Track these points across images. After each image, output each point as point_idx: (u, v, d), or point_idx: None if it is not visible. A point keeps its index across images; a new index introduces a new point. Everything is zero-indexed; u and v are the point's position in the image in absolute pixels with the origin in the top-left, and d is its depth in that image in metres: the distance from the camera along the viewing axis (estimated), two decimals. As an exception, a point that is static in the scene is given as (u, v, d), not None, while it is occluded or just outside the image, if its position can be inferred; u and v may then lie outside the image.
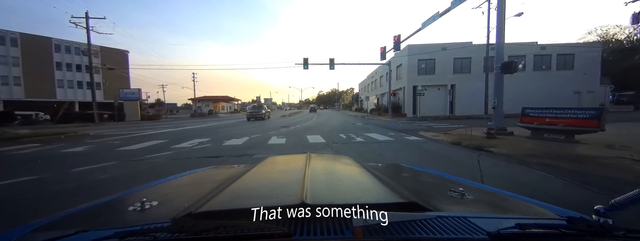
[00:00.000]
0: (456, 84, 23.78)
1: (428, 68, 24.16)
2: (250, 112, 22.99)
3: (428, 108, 22.98)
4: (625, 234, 0.55)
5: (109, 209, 0.91)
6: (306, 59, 21.88)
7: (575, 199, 2.98)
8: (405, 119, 21.44)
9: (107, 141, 8.87)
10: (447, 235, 0.56)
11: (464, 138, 7.71)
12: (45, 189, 3.49)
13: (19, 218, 2.50)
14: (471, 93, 23.00)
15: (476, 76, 23.13)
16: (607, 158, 4.89)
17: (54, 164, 5.18)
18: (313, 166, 1.11)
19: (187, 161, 5.16)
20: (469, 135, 7.95)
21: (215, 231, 0.54)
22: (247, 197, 0.80)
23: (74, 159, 5.58)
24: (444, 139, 7.98)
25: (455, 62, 23.94)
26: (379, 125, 14.58)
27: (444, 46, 23.40)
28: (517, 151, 5.74)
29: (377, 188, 0.86)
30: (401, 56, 24.47)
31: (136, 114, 29.21)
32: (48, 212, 0.87)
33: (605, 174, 3.91)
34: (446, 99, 24.16)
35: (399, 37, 16.78)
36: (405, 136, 9.05)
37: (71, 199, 3.07)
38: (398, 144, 7.21)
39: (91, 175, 4.15)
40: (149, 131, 13.02)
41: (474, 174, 3.90)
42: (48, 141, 9.07)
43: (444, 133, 9.45)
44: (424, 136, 8.98)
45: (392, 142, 7.65)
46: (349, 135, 9.47)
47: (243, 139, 8.67)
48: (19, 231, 0.69)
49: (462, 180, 1.20)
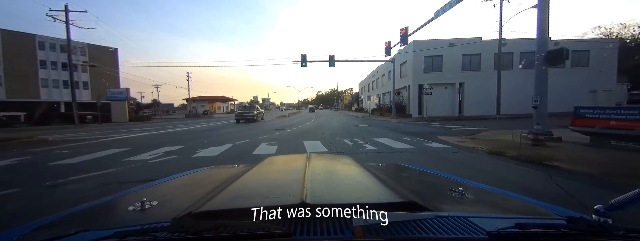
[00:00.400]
0: (465, 82, 22.17)
1: (435, 65, 22.53)
2: (240, 113, 19.86)
3: (435, 108, 21.34)
4: (625, 234, 0.55)
5: (109, 209, 0.91)
6: (304, 56, 20.24)
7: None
8: (411, 120, 19.79)
9: (55, 149, 7.14)
10: (447, 234, 0.56)
11: (502, 145, 6.06)
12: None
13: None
14: (481, 92, 21.42)
15: (486, 74, 21.55)
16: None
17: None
18: (313, 166, 1.09)
19: (122, 186, 3.46)
20: (508, 141, 6.31)
21: (215, 231, 0.53)
22: (247, 197, 0.79)
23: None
24: (475, 146, 6.32)
25: (464, 59, 22.33)
26: (387, 127, 12.91)
27: (452, 41, 21.78)
28: (594, 167, 4.09)
29: (377, 188, 0.85)
30: (406, 53, 22.85)
31: (124, 115, 27.43)
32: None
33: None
34: (454, 98, 22.55)
35: (406, 30, 15.14)
36: (424, 142, 7.38)
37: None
38: (422, 155, 5.55)
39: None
40: (122, 135, 11.29)
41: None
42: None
43: (469, 138, 7.80)
44: (447, 141, 7.33)
45: (412, 152, 5.99)
46: (356, 141, 7.80)
47: (224, 147, 6.98)
48: (19, 231, 0.68)
49: (462, 180, 1.17)
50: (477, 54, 22.13)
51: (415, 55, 22.19)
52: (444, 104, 22.37)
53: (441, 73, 22.36)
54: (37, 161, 5.51)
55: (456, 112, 22.26)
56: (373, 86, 39.40)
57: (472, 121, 16.20)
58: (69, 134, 12.31)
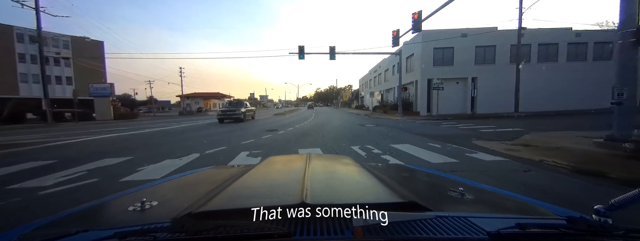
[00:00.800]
0: (478, 76, 20.23)
1: (445, 58, 20.54)
2: (223, 111, 16.37)
3: (444, 105, 19.34)
4: (626, 234, 0.54)
5: (109, 209, 0.90)
6: (302, 48, 18.21)
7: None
8: (421, 118, 17.86)
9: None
10: (447, 234, 0.55)
11: (582, 157, 4.15)
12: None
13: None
14: (495, 88, 19.47)
15: (502, 68, 19.58)
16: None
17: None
18: (313, 166, 1.08)
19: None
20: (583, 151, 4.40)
21: (215, 231, 0.53)
22: (247, 197, 0.79)
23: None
24: (544, 159, 4.40)
25: (477, 51, 20.34)
26: (398, 128, 10.96)
27: (464, 31, 19.75)
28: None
29: (377, 188, 0.85)
30: (414, 43, 20.84)
31: (108, 113, 25.32)
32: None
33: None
34: (466, 94, 20.63)
35: (419, 15, 13.08)
36: (465, 151, 5.41)
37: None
38: (481, 176, 3.61)
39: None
40: (81, 137, 9.28)
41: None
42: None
43: (520, 145, 5.87)
44: (495, 150, 5.38)
45: (461, 169, 4.04)
46: (369, 149, 5.85)
47: (184, 160, 5.00)
48: (19, 231, 0.68)
49: (462, 180, 1.16)
50: (491, 46, 20.14)
51: (424, 47, 20.18)
52: (455, 100, 20.44)
53: (452, 67, 20.39)
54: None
55: (468, 110, 20.36)
56: (375, 82, 37.39)
57: (489, 120, 14.30)
58: (14, 136, 10.27)
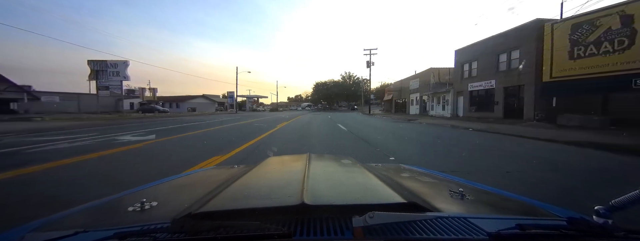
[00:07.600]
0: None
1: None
2: None
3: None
4: (626, 235, 0.54)
5: (109, 209, 0.87)
6: None
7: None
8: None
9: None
10: (447, 235, 0.55)
11: None
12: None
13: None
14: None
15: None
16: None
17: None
18: (313, 166, 1.07)
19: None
20: None
21: (215, 231, 0.53)
22: (247, 197, 0.76)
23: None
24: None
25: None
26: None
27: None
28: None
29: (377, 188, 0.83)
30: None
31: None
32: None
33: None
34: None
35: None
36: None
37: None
38: None
39: None
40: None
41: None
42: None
43: None
44: None
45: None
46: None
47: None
48: (19, 231, 0.66)
49: (462, 180, 1.16)
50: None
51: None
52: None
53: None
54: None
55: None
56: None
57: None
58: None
